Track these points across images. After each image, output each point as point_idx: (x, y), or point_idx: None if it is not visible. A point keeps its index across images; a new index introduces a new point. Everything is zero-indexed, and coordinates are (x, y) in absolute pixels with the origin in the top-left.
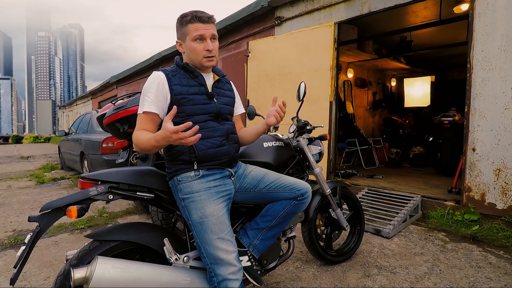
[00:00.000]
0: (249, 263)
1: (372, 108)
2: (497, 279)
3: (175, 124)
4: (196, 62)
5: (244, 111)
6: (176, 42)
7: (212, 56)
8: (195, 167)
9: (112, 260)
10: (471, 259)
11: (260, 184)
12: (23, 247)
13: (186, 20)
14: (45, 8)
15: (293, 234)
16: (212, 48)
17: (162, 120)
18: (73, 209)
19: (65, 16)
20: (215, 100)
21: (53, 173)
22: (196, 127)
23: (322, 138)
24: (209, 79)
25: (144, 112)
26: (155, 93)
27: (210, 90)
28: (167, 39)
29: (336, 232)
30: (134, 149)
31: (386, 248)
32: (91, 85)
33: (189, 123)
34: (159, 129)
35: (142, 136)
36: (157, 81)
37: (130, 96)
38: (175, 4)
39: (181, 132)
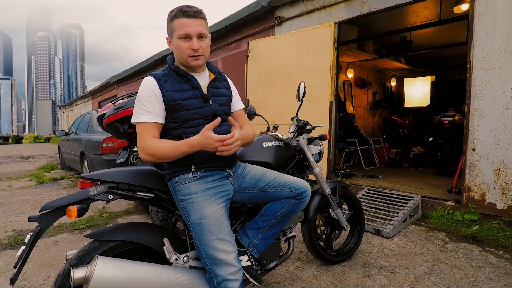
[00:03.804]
0: (249, 263)
1: (372, 108)
2: (497, 279)
3: (171, 129)
4: (183, 61)
5: (244, 107)
6: (166, 39)
7: (199, 55)
8: (193, 169)
9: (112, 260)
10: (471, 259)
11: (259, 183)
12: (23, 247)
13: (172, 15)
14: (45, 8)
15: (293, 234)
16: (197, 48)
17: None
18: (73, 209)
19: (65, 16)
20: (210, 103)
21: (53, 173)
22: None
23: (322, 138)
24: (204, 79)
25: (147, 122)
26: (152, 101)
27: (205, 91)
28: None
29: (336, 232)
30: (134, 149)
31: (386, 248)
32: (93, 85)
33: (233, 135)
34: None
35: (164, 144)
36: (151, 88)
37: (130, 96)
38: (177, 3)
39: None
